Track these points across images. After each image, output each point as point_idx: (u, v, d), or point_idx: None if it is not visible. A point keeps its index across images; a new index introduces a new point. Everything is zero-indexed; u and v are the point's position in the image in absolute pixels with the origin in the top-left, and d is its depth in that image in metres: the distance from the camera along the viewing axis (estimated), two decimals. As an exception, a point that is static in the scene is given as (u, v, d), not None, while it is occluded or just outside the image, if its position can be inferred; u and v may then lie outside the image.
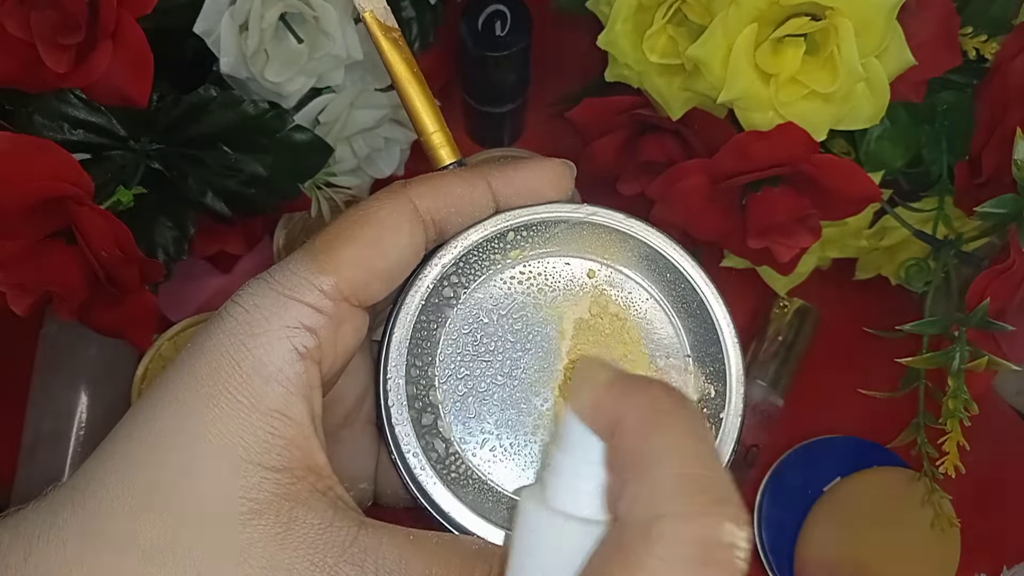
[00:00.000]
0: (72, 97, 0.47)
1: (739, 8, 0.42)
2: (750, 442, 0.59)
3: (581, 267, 0.32)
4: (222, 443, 0.24)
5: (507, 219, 0.30)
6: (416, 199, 0.28)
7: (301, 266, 0.26)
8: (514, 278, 0.31)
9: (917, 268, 0.53)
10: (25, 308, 0.45)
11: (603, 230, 0.31)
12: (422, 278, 0.30)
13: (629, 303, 0.32)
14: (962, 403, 0.45)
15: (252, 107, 0.48)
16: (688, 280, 0.31)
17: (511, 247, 0.31)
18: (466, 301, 0.31)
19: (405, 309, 0.30)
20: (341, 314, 0.26)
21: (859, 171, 0.47)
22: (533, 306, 0.31)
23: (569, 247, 0.32)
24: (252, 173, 0.49)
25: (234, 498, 0.24)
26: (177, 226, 0.50)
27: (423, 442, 0.29)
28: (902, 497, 0.57)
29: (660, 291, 0.32)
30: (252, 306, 0.25)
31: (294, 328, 0.25)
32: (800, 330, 0.62)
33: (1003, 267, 0.43)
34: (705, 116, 0.48)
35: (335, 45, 0.49)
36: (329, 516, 0.24)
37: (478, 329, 0.31)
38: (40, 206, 0.42)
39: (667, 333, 0.31)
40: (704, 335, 0.31)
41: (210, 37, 0.47)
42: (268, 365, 0.25)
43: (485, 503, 0.29)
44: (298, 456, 0.25)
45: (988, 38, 0.49)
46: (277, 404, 0.25)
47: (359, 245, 0.27)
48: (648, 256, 0.31)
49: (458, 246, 0.30)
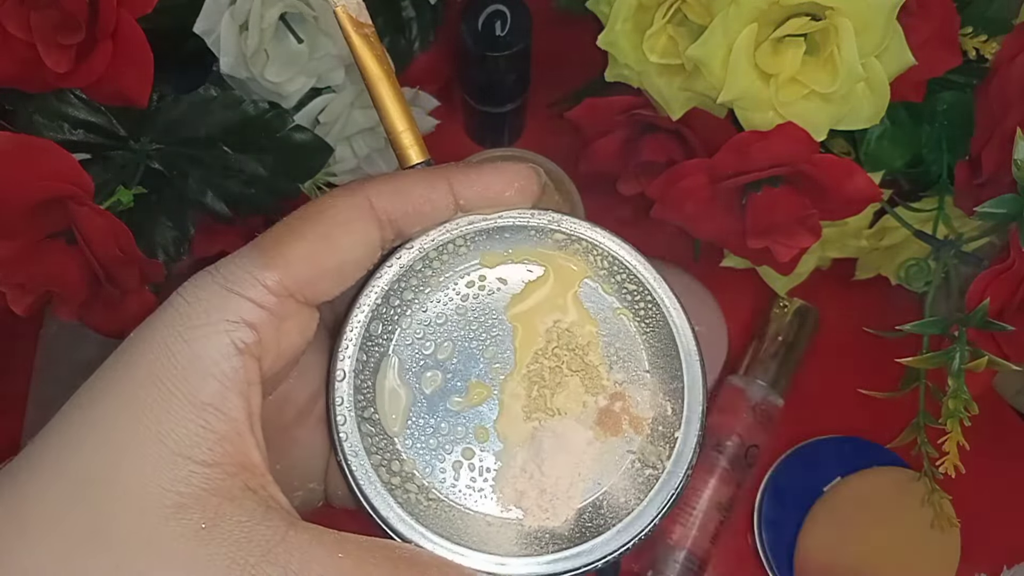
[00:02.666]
0: (72, 97, 0.47)
1: (739, 8, 0.42)
2: (750, 442, 0.59)
3: (543, 275, 0.31)
4: (153, 434, 0.24)
5: (470, 222, 0.30)
6: (373, 197, 0.27)
7: (247, 260, 0.26)
8: (474, 283, 0.31)
9: (917, 268, 0.53)
10: (25, 308, 0.45)
11: (568, 239, 0.31)
12: (378, 278, 0.29)
13: (590, 314, 0.31)
14: (962, 403, 0.45)
15: (252, 107, 0.48)
16: (651, 293, 0.30)
17: (472, 251, 0.31)
18: (423, 304, 0.30)
19: (359, 308, 0.29)
20: (285, 311, 0.26)
21: (859, 171, 0.47)
22: (493, 312, 0.31)
23: (532, 254, 0.31)
24: (252, 173, 0.49)
25: (161, 490, 0.23)
26: (177, 226, 0.50)
27: (367, 443, 0.28)
28: (902, 497, 0.57)
29: (623, 303, 0.31)
30: (194, 298, 0.25)
31: (234, 322, 0.25)
32: (800, 330, 0.62)
33: (1003, 267, 0.43)
34: (705, 116, 0.48)
35: (335, 45, 0.49)
36: (258, 515, 0.24)
37: (434, 334, 0.30)
38: (40, 206, 0.42)
39: (627, 346, 0.31)
40: (665, 351, 0.30)
41: (210, 37, 0.47)
42: (204, 359, 0.24)
43: (426, 511, 0.29)
44: (230, 452, 0.24)
45: (988, 38, 0.49)
46: (211, 398, 0.24)
47: (308, 240, 0.26)
48: (612, 267, 0.31)
49: (416, 247, 0.29)
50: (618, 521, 0.29)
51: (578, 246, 0.31)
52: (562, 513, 0.29)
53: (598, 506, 0.30)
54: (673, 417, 0.30)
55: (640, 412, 0.30)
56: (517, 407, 0.30)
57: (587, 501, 0.30)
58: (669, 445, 0.29)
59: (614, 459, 0.30)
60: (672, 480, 0.29)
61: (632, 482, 0.30)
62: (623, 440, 0.30)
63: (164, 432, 0.24)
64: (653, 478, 0.29)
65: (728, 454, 0.59)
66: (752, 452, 0.59)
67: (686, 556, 0.57)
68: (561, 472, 0.30)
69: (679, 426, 0.29)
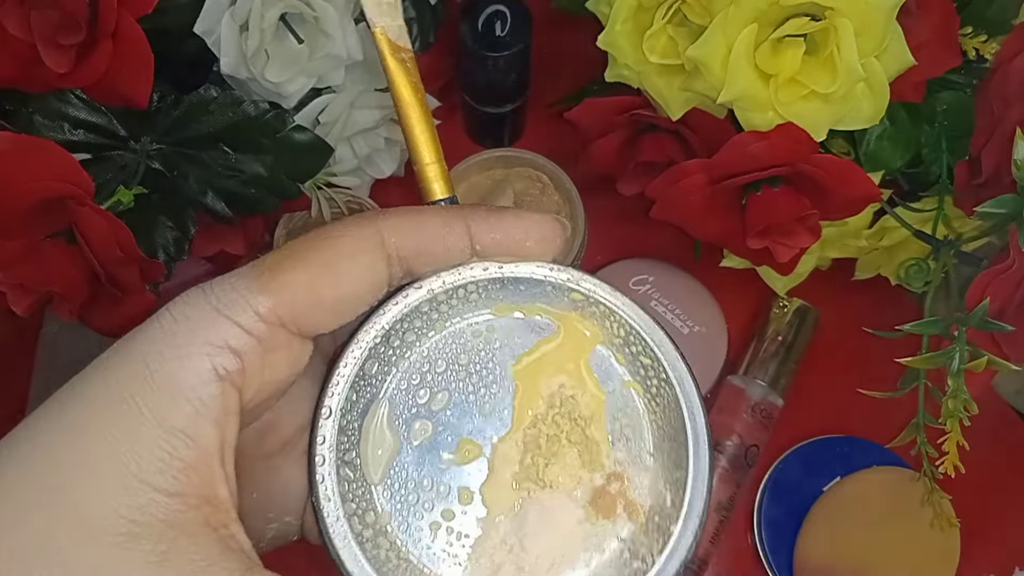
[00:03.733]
0: (72, 97, 0.47)
1: (739, 8, 0.42)
2: (750, 442, 0.59)
3: (555, 335, 0.29)
4: (116, 454, 0.22)
5: (484, 269, 0.27)
6: (385, 231, 0.26)
7: (242, 282, 0.24)
8: (480, 333, 0.29)
9: (917, 268, 0.53)
10: (25, 308, 0.45)
11: (586, 300, 0.28)
12: (380, 315, 0.27)
13: (598, 383, 0.29)
14: (962, 403, 0.45)
15: (252, 107, 0.48)
16: (666, 371, 0.28)
17: (484, 299, 0.28)
18: (424, 348, 0.28)
19: (356, 344, 0.27)
20: (274, 340, 0.24)
21: (859, 171, 0.47)
22: (496, 366, 0.28)
23: (547, 311, 0.29)
24: (252, 173, 0.49)
25: (115, 515, 0.22)
26: (177, 226, 0.50)
27: (343, 488, 0.26)
28: (902, 497, 0.57)
29: (634, 376, 0.29)
30: (182, 316, 0.24)
31: (218, 347, 0.23)
32: (800, 330, 0.62)
33: (1003, 267, 0.43)
34: (705, 116, 0.48)
35: (335, 45, 0.49)
36: (214, 554, 0.22)
37: (432, 381, 0.28)
38: (40, 206, 0.42)
39: (634, 424, 0.28)
40: (673, 435, 0.28)
41: (210, 37, 0.47)
42: (181, 381, 0.23)
43: (394, 570, 0.27)
44: (195, 483, 0.23)
45: (988, 38, 0.49)
46: (182, 424, 0.23)
47: (309, 269, 0.25)
48: (628, 337, 0.28)
49: (425, 288, 0.27)
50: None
51: (595, 309, 0.28)
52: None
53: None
54: (672, 509, 0.27)
55: (637, 497, 0.28)
56: (507, 473, 0.28)
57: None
58: (663, 539, 0.27)
59: (602, 544, 0.28)
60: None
61: (617, 572, 0.27)
62: (615, 525, 0.28)
63: (128, 453, 0.22)
64: (640, 572, 0.27)
65: (728, 454, 0.59)
66: (752, 452, 0.59)
67: (686, 556, 0.57)
68: (543, 550, 0.28)
69: (677, 520, 0.27)
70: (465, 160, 0.60)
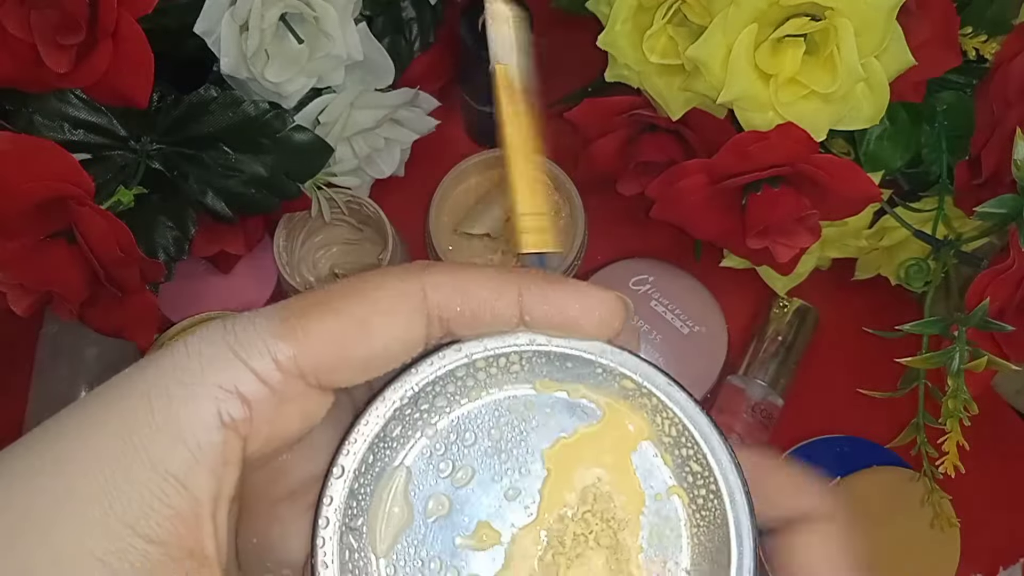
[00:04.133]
0: (72, 97, 0.47)
1: (739, 8, 0.42)
2: (750, 442, 0.59)
3: (601, 423, 0.26)
4: (102, 492, 0.21)
5: (531, 340, 0.25)
6: (429, 288, 0.23)
7: (266, 323, 0.22)
8: (516, 410, 0.26)
9: (917, 268, 0.53)
10: (25, 308, 0.45)
11: (638, 390, 0.25)
12: (413, 374, 0.25)
13: (639, 484, 0.26)
14: (962, 403, 0.45)
15: (252, 107, 0.48)
16: (717, 482, 0.25)
17: (526, 373, 0.26)
18: (453, 417, 0.26)
19: (382, 402, 0.25)
20: (290, 392, 0.22)
21: (859, 171, 0.47)
22: (529, 448, 0.26)
23: (594, 396, 0.26)
24: (252, 173, 0.49)
25: (91, 558, 0.20)
26: (177, 226, 0.50)
27: (344, 557, 0.24)
28: (902, 497, 0.57)
29: (681, 482, 0.26)
30: (195, 352, 0.22)
31: (227, 391, 0.22)
32: (800, 330, 0.62)
33: (1003, 267, 0.43)
34: (705, 116, 0.48)
35: (335, 45, 0.49)
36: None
37: (456, 453, 0.26)
38: (40, 206, 0.42)
39: (672, 534, 0.26)
40: (714, 555, 0.25)
41: (210, 37, 0.47)
42: (182, 423, 0.21)
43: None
44: (182, 534, 0.21)
45: (988, 38, 0.49)
46: (176, 469, 0.21)
47: (340, 321, 0.23)
48: (680, 438, 0.25)
49: (464, 352, 0.25)
50: None
51: (647, 401, 0.26)
52: None
53: None
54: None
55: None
56: (524, 568, 0.25)
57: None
58: None
59: None
60: None
61: None
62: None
63: (114, 493, 0.21)
64: None
65: (728, 454, 0.59)
66: (752, 452, 0.59)
67: (686, 556, 0.57)
68: None
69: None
70: (465, 160, 0.60)
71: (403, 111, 0.56)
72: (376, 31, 0.52)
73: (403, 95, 0.55)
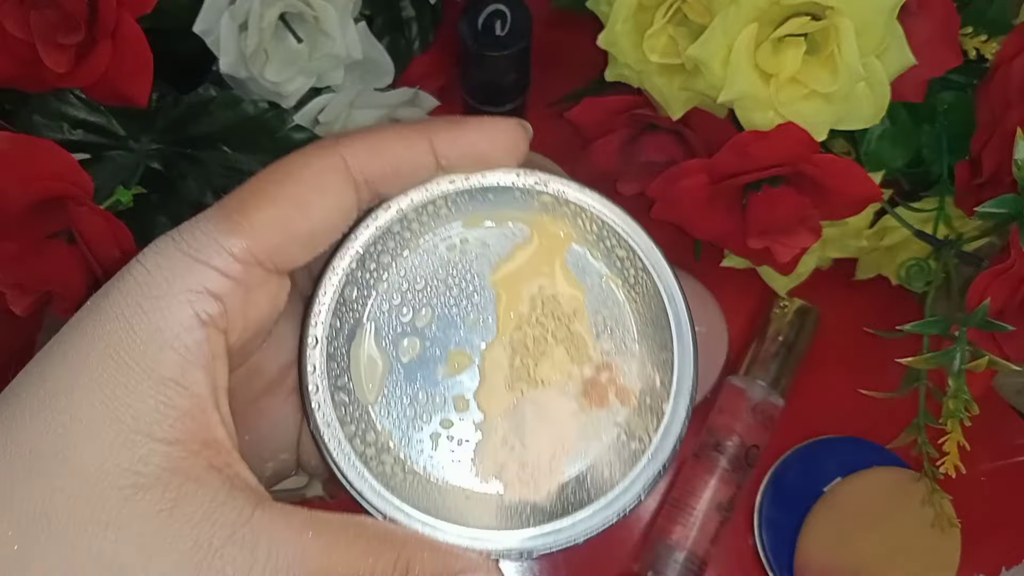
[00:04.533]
0: (72, 97, 0.47)
1: (739, 8, 0.42)
2: (751, 442, 0.59)
3: (528, 239, 0.29)
4: (109, 410, 0.22)
5: (451, 182, 0.28)
6: (349, 157, 0.25)
7: (211, 225, 0.24)
8: (455, 246, 0.29)
9: (917, 268, 0.53)
10: (25, 308, 0.45)
11: (556, 201, 0.29)
12: (353, 240, 0.27)
13: (577, 280, 0.29)
14: (962, 403, 0.45)
15: (252, 107, 0.48)
16: (642, 260, 0.29)
17: (454, 213, 0.29)
18: (401, 268, 0.29)
19: (333, 272, 0.27)
20: (253, 280, 0.24)
21: (859, 171, 0.47)
22: (475, 276, 0.29)
23: (516, 217, 0.29)
24: (252, 173, 0.49)
25: (118, 469, 0.22)
26: (177, 226, 0.50)
27: (340, 413, 0.27)
28: (902, 497, 0.57)
29: (611, 269, 0.29)
30: (154, 266, 0.23)
31: (197, 292, 0.23)
32: (800, 330, 0.62)
33: (1003, 267, 0.43)
34: (705, 116, 0.48)
35: (335, 45, 0.49)
36: (222, 495, 0.22)
37: (412, 299, 0.29)
38: (40, 206, 0.42)
39: (616, 315, 0.29)
40: (655, 320, 0.29)
41: (210, 37, 0.47)
42: (165, 331, 0.23)
43: (402, 483, 0.27)
44: (193, 429, 0.23)
45: (988, 38, 0.49)
46: (172, 373, 0.23)
47: (278, 205, 0.25)
48: (601, 232, 0.29)
49: (394, 208, 0.27)
50: (602, 495, 0.28)
51: (566, 209, 0.29)
52: (544, 487, 0.28)
53: (581, 480, 0.28)
54: (661, 389, 0.28)
55: (627, 383, 0.29)
56: (499, 377, 0.29)
57: (570, 475, 0.28)
58: (656, 418, 0.28)
59: (599, 432, 0.29)
60: (659, 455, 0.28)
61: (617, 456, 0.29)
62: (609, 412, 0.29)
63: (122, 408, 0.22)
64: (639, 452, 0.28)
65: (728, 454, 0.59)
66: (752, 452, 0.59)
67: (686, 556, 0.57)
68: (543, 445, 0.29)
69: (668, 398, 0.28)
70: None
71: (403, 111, 0.56)
72: (376, 31, 0.52)
73: (403, 95, 0.55)
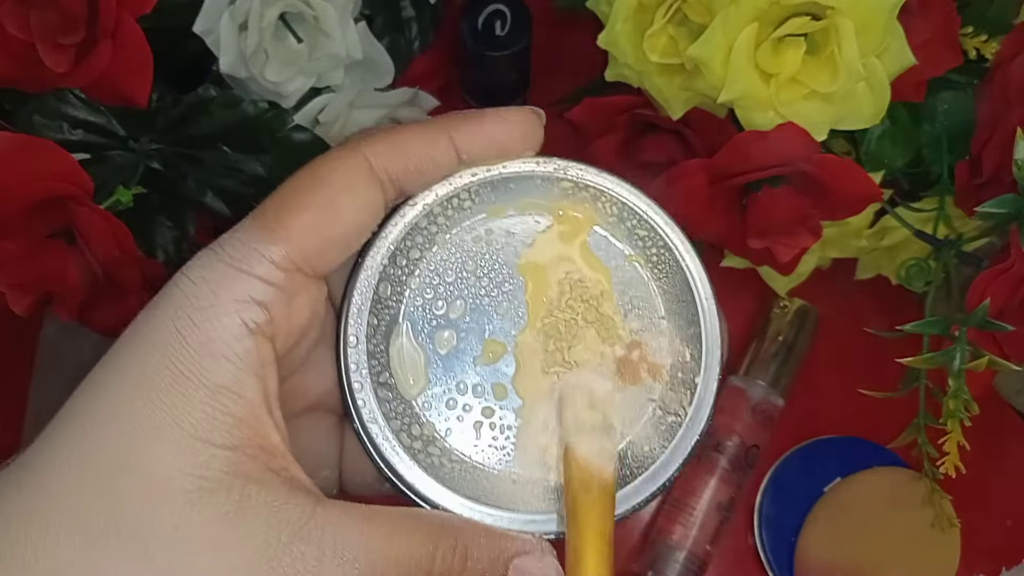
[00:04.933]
0: (72, 97, 0.47)
1: (739, 8, 0.42)
2: (751, 442, 0.59)
3: (553, 225, 0.30)
4: (169, 420, 0.23)
5: (473, 174, 0.29)
6: (372, 157, 0.26)
7: (250, 235, 0.25)
8: (481, 237, 0.30)
9: (917, 268, 0.53)
10: (25, 308, 0.45)
11: (575, 186, 0.30)
12: (383, 238, 0.28)
13: (601, 263, 0.30)
14: (962, 403, 0.45)
15: (252, 107, 0.48)
16: (663, 238, 0.30)
17: (478, 205, 0.30)
18: (429, 263, 0.30)
19: (366, 271, 0.28)
20: (294, 286, 0.25)
21: (859, 171, 0.47)
22: (502, 266, 0.30)
23: (540, 204, 0.30)
24: (252, 173, 0.49)
25: (182, 476, 0.23)
26: (177, 226, 0.50)
27: (385, 409, 0.28)
28: (902, 497, 0.57)
29: (634, 250, 0.30)
30: (200, 279, 0.24)
31: (243, 302, 0.24)
32: (800, 330, 0.62)
33: (1003, 267, 0.43)
34: (705, 116, 0.48)
35: (335, 45, 0.49)
36: (283, 494, 0.23)
37: (444, 292, 0.29)
38: (40, 206, 0.42)
39: (642, 293, 0.30)
40: (680, 296, 0.30)
41: (210, 37, 0.47)
42: (216, 340, 0.24)
43: (450, 473, 0.28)
44: (249, 435, 0.24)
45: (988, 38, 0.49)
46: (226, 381, 0.24)
47: (311, 210, 0.26)
48: (622, 214, 0.30)
49: (420, 204, 0.28)
50: (644, 471, 0.28)
51: (586, 193, 0.30)
52: None
53: (622, 457, 0.29)
54: (692, 363, 0.29)
55: (659, 359, 0.30)
56: (535, 362, 0.29)
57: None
58: (689, 391, 0.29)
59: (635, 408, 0.30)
60: (695, 426, 0.29)
61: (655, 430, 0.29)
62: (643, 389, 0.30)
63: (181, 416, 0.23)
64: (676, 425, 0.29)
65: (728, 454, 0.59)
66: (752, 452, 0.59)
67: (686, 556, 0.57)
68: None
69: (699, 371, 0.29)
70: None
71: (403, 111, 0.56)
72: (376, 31, 0.52)
73: (403, 95, 0.55)
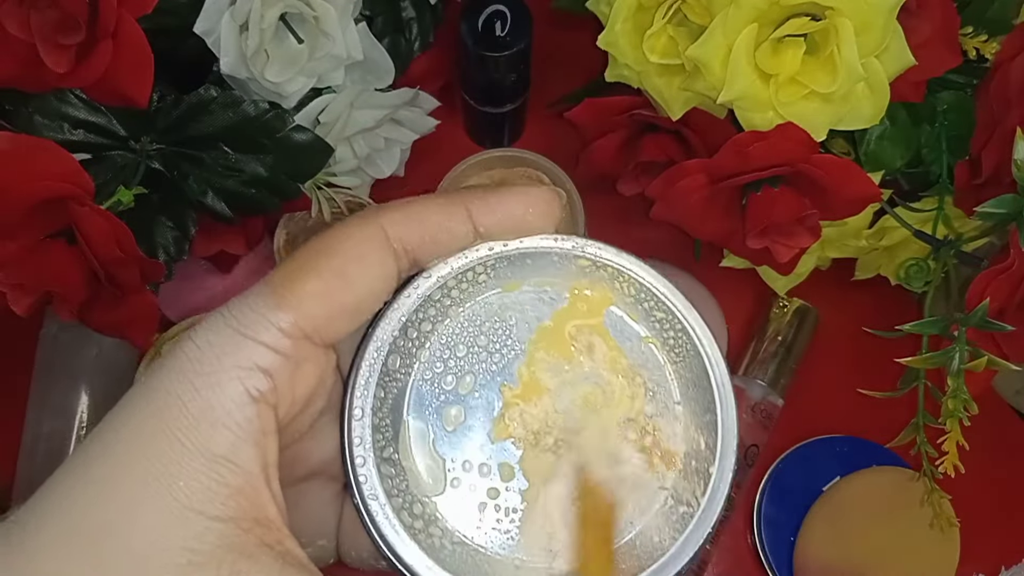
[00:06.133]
0: (72, 97, 0.47)
1: (739, 8, 0.42)
2: (750, 442, 0.59)
3: (568, 303, 0.29)
4: (164, 488, 0.22)
5: (490, 248, 0.28)
6: (388, 227, 0.26)
7: (259, 301, 0.24)
8: (494, 313, 0.29)
9: (917, 268, 0.53)
10: (25, 308, 0.45)
11: (593, 265, 0.29)
12: (395, 309, 0.27)
13: (618, 344, 0.29)
14: (962, 403, 0.45)
15: (252, 107, 0.48)
16: (681, 322, 0.28)
17: (493, 279, 0.29)
18: (440, 336, 0.29)
19: (375, 342, 0.27)
20: (301, 354, 0.24)
21: (859, 171, 0.47)
22: (514, 343, 0.29)
23: (554, 281, 0.29)
24: (252, 173, 0.49)
25: (174, 548, 0.22)
26: (177, 226, 0.50)
27: (387, 485, 0.27)
28: (902, 497, 0.57)
29: (651, 331, 0.29)
30: (205, 343, 0.24)
31: (247, 369, 0.24)
32: (800, 330, 0.62)
33: (1003, 267, 0.43)
34: (705, 116, 0.48)
35: (335, 45, 0.49)
36: (275, 571, 0.23)
37: (454, 366, 0.29)
38: (40, 206, 0.42)
39: (656, 377, 0.29)
40: (696, 381, 0.29)
41: (210, 37, 0.47)
42: (216, 408, 0.23)
43: (451, 556, 0.27)
44: (245, 506, 0.23)
45: (988, 38, 0.49)
46: (224, 450, 0.23)
47: (322, 278, 0.25)
48: (639, 295, 0.29)
49: (435, 276, 0.28)
50: (652, 562, 0.27)
51: (603, 272, 0.29)
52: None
53: (631, 547, 0.28)
54: (707, 451, 0.28)
55: (672, 446, 0.29)
56: (543, 444, 0.29)
57: (620, 542, 0.28)
58: (703, 481, 0.28)
59: (646, 497, 0.29)
60: (707, 517, 0.27)
61: (666, 520, 0.28)
62: (655, 477, 0.29)
63: (176, 486, 0.22)
64: (687, 516, 0.28)
65: (728, 454, 0.59)
66: (752, 452, 0.59)
67: (686, 556, 0.57)
68: None
69: (713, 460, 0.28)
70: (465, 160, 0.60)
71: (403, 111, 0.56)
72: (376, 31, 0.52)
73: (403, 95, 0.55)
